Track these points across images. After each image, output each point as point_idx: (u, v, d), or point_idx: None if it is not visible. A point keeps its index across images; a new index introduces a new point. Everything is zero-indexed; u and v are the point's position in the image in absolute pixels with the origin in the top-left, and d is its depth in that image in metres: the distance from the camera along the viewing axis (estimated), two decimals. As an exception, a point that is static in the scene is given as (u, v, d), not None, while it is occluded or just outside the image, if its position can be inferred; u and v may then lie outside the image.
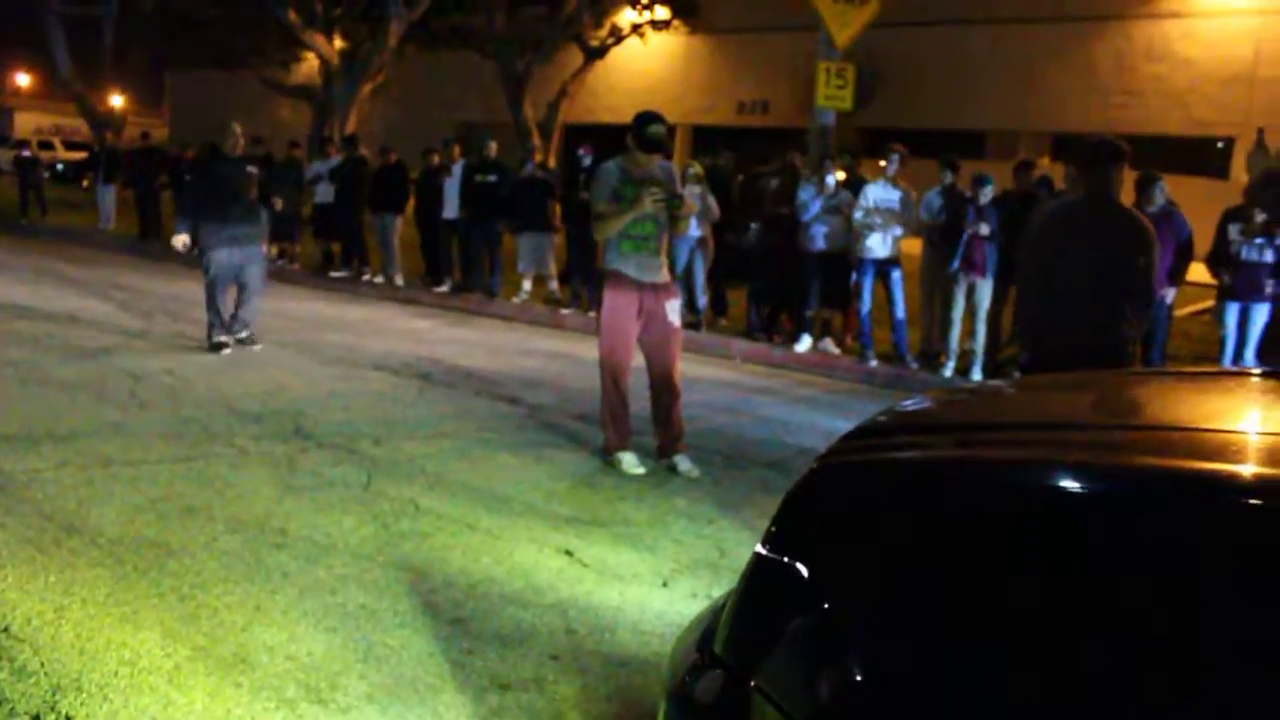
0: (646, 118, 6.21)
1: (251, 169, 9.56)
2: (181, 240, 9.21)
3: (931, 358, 10.33)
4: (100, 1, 28.73)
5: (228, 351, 9.27)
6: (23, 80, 59.66)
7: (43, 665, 3.53)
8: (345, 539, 4.83)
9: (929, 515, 1.91)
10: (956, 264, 9.80)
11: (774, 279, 11.28)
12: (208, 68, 31.34)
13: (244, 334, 9.57)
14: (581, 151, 13.14)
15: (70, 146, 38.31)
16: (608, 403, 6.37)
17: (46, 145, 38.60)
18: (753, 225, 11.27)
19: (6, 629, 3.76)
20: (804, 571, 1.95)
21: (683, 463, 6.30)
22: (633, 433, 6.43)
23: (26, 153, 24.47)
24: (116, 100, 31.89)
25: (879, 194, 10.20)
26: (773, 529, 2.05)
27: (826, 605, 1.90)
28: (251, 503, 5.25)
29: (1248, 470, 1.84)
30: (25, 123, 47.53)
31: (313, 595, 4.19)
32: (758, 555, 2.05)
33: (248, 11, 24.19)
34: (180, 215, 9.42)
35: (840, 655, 1.85)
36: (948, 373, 9.93)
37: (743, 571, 2.10)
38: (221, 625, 3.88)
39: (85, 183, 27.78)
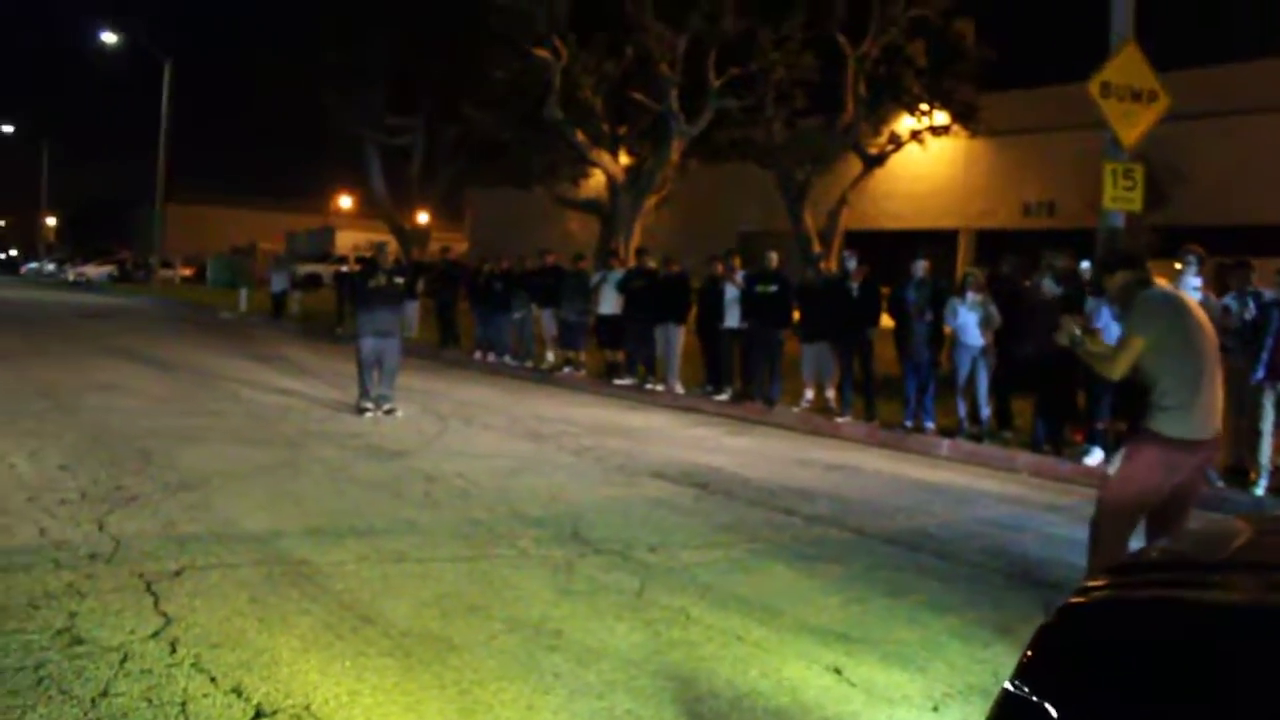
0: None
1: (398, 279, 12.09)
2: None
3: (1240, 474, 9.56)
4: (411, 130, 31.36)
5: (369, 415, 11.65)
6: (345, 202, 65.63)
7: (335, 751, 3.76)
8: (616, 644, 4.92)
9: (1189, 662, 1.76)
10: (1262, 372, 9.09)
11: (1061, 389, 10.81)
12: (504, 185, 33.44)
13: (388, 406, 11.94)
14: (846, 254, 13.14)
15: (374, 248, 41.54)
16: (1104, 557, 5.17)
17: (362, 260, 42.09)
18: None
19: (308, 707, 4.04)
20: (1052, 713, 1.85)
21: None
22: None
23: (344, 268, 26.77)
24: (423, 217, 34.46)
25: (1178, 298, 9.64)
26: (1022, 664, 1.96)
27: None
28: (530, 604, 5.44)
29: None
30: (345, 240, 52.10)
31: (582, 698, 4.28)
32: (1006, 692, 1.95)
33: (540, 134, 25.77)
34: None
35: None
36: (1259, 491, 9.15)
37: (991, 707, 2.01)
38: (497, 723, 4.03)
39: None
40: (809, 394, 13.22)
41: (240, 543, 6.28)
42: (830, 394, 13.16)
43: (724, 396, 14.16)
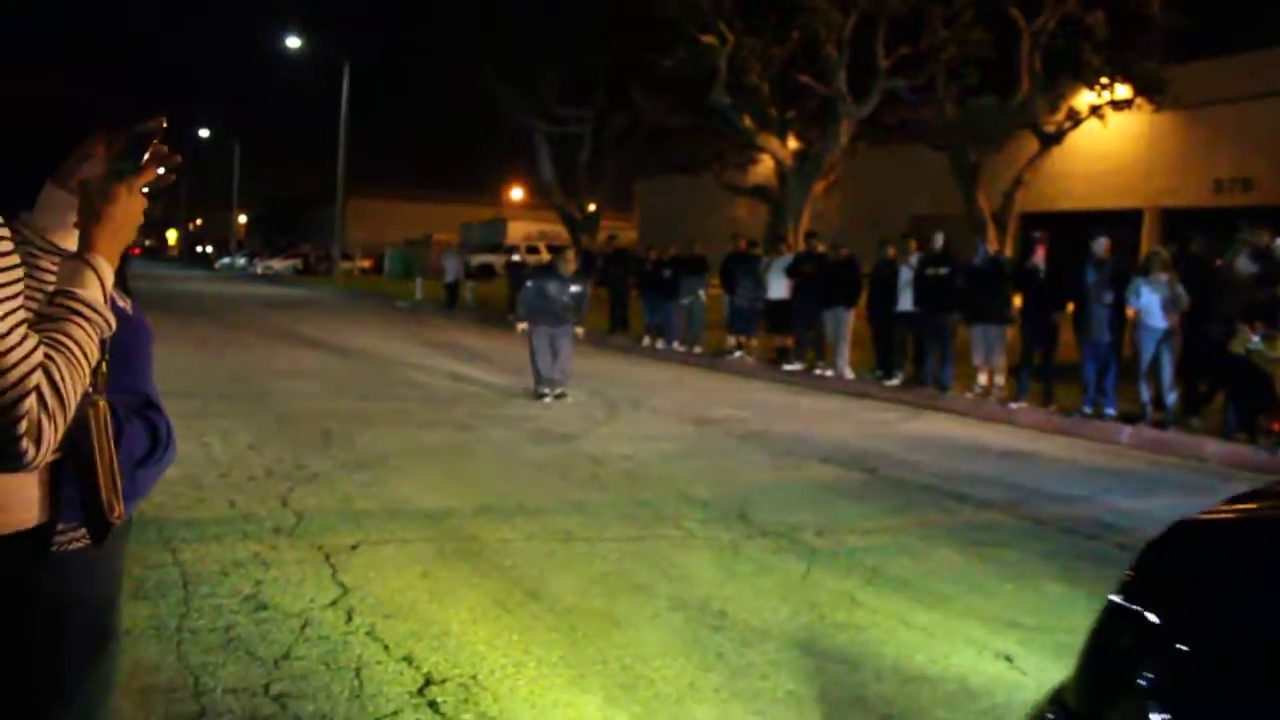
0: None
1: (574, 288, 12.25)
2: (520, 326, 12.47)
3: None
4: (580, 120, 31.74)
5: (546, 400, 11.83)
6: (516, 194, 67.04)
7: (501, 713, 3.85)
8: (781, 626, 4.88)
9: None
10: None
11: (1256, 372, 10.21)
12: (672, 173, 33.55)
13: (559, 390, 12.13)
14: (1036, 235, 12.73)
15: (553, 250, 42.29)
16: None
17: (533, 250, 42.93)
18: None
19: (475, 677, 4.14)
20: (1155, 620, 1.89)
21: None
22: None
23: (516, 257, 27.35)
24: (591, 206, 34.90)
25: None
26: (1128, 578, 2.00)
27: (1179, 654, 1.82)
28: (694, 584, 5.45)
29: None
30: (516, 230, 53.20)
31: (744, 677, 4.26)
32: (1111, 603, 1.99)
33: (708, 120, 25.72)
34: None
35: (1192, 706, 1.77)
36: None
37: (1094, 620, 2.02)
38: (658, 697, 4.04)
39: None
40: (982, 379, 12.86)
41: (413, 519, 6.48)
42: (998, 380, 12.77)
43: (895, 381, 13.90)
